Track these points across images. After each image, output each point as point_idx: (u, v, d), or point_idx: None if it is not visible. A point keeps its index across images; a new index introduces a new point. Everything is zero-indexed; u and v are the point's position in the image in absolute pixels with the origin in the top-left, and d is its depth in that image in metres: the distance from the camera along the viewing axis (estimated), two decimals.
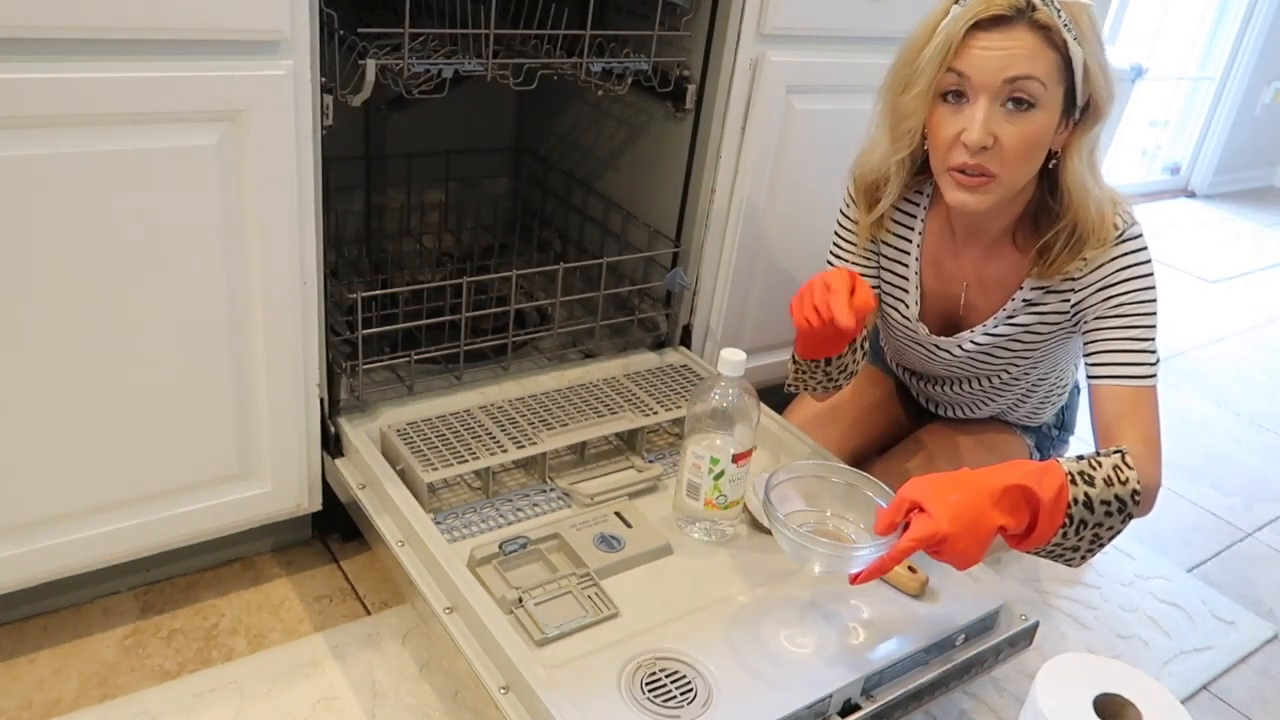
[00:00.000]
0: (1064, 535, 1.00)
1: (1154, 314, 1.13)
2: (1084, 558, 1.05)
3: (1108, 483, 1.01)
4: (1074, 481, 1.00)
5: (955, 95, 1.07)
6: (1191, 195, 3.91)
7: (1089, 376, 1.17)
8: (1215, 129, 3.81)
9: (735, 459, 1.12)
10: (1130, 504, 1.03)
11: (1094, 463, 1.02)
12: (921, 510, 0.95)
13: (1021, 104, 1.04)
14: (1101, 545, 1.04)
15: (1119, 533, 1.04)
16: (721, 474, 1.12)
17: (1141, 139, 3.87)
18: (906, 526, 0.96)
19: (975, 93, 1.05)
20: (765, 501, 1.03)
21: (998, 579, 1.12)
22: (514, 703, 0.92)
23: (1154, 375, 1.12)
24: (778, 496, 1.06)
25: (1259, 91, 3.79)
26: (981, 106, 1.04)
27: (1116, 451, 1.04)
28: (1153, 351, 1.13)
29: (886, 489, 1.08)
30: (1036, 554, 1.03)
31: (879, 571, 0.96)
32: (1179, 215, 3.66)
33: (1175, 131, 3.87)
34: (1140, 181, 3.86)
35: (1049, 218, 1.15)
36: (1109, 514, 1.02)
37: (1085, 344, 1.17)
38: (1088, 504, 1.00)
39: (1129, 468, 1.03)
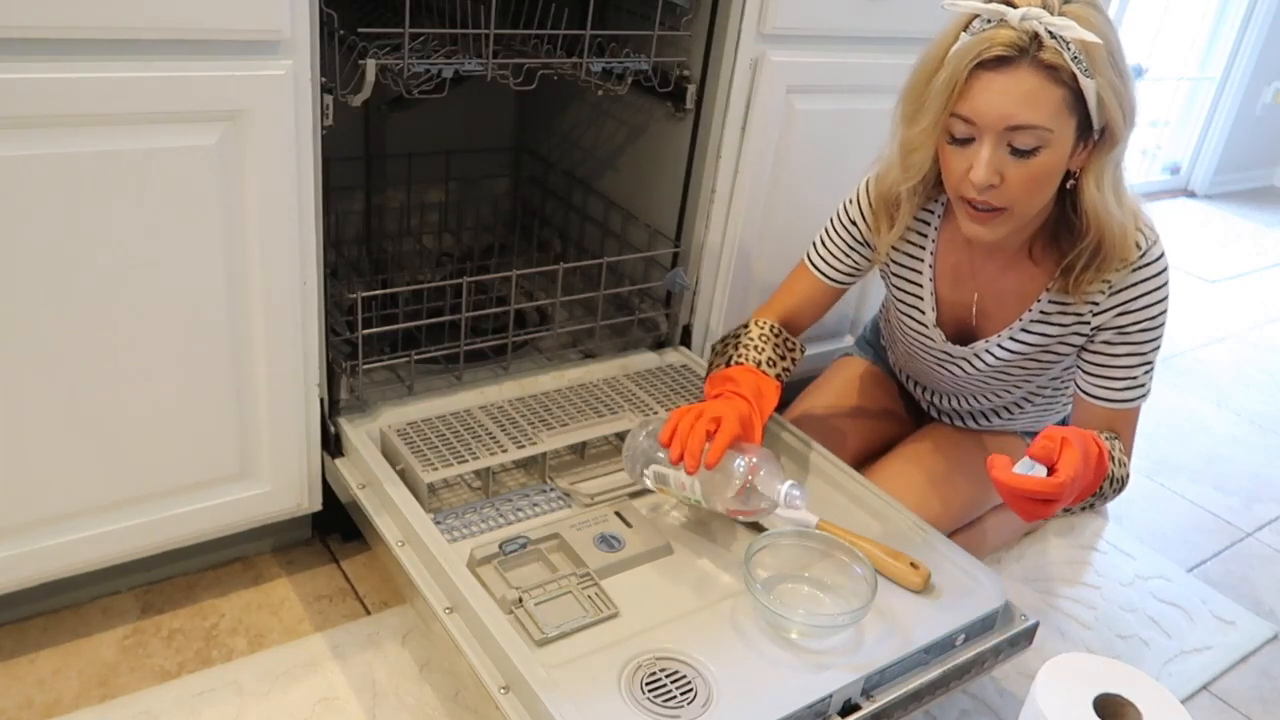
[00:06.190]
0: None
1: (1159, 335, 1.16)
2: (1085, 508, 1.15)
3: (1115, 461, 1.13)
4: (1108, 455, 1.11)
5: (963, 136, 1.06)
6: (1191, 195, 3.91)
7: (1079, 387, 1.18)
8: (1215, 129, 3.81)
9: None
10: (1116, 485, 1.14)
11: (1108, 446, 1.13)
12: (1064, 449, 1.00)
13: (1023, 152, 1.03)
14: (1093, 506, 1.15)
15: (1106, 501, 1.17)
16: (693, 503, 1.15)
17: (1141, 139, 3.86)
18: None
19: (981, 134, 1.04)
20: (745, 570, 1.04)
21: (998, 579, 1.12)
22: (514, 703, 0.92)
23: (1143, 396, 1.18)
24: (756, 562, 1.07)
25: (1259, 91, 3.79)
26: (987, 146, 1.03)
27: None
28: (1149, 368, 1.16)
29: (861, 556, 1.08)
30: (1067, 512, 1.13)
31: (1020, 490, 0.98)
32: (1179, 215, 3.65)
33: (1175, 131, 3.87)
34: (1140, 181, 3.86)
35: (1070, 234, 1.14)
36: (1110, 484, 1.12)
37: (1087, 354, 1.18)
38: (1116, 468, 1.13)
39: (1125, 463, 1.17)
